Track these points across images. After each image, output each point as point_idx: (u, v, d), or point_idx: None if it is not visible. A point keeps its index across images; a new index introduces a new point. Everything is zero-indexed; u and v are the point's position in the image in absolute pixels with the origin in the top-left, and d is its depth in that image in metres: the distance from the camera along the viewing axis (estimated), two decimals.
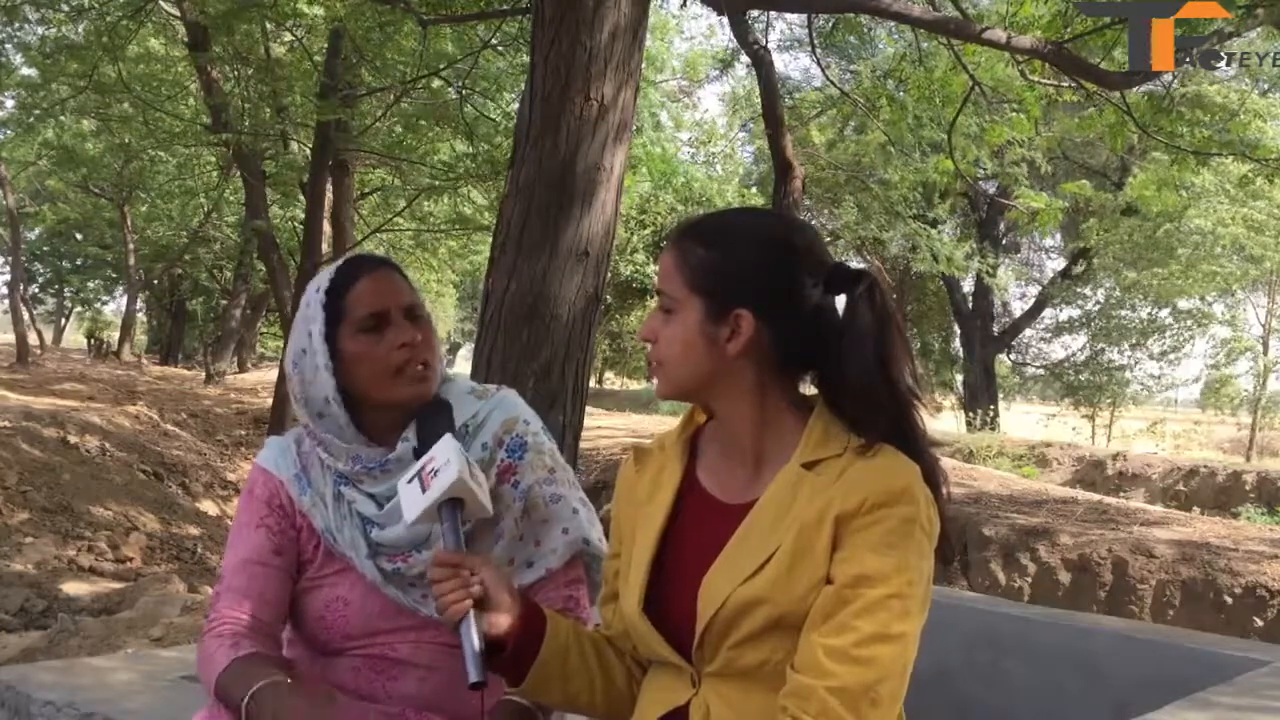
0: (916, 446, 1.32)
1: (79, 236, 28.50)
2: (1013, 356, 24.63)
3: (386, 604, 1.59)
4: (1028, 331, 24.13)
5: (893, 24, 8.45)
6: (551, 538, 1.63)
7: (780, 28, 16.19)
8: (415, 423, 1.56)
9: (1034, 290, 23.75)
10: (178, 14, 11.69)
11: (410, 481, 1.42)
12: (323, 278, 1.62)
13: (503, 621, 1.34)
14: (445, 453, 1.41)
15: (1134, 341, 21.99)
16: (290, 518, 1.63)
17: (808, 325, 1.33)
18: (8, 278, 23.00)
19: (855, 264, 1.39)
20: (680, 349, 1.34)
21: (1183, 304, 20.47)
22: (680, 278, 1.34)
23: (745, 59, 10.71)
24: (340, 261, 1.66)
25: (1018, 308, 24.51)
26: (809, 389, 1.39)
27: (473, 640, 1.31)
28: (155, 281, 26.53)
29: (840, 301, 1.35)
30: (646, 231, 20.89)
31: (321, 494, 1.62)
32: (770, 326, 1.32)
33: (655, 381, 1.40)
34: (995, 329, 22.62)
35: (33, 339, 22.62)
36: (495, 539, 1.60)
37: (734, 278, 1.32)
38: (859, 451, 1.29)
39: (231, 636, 1.53)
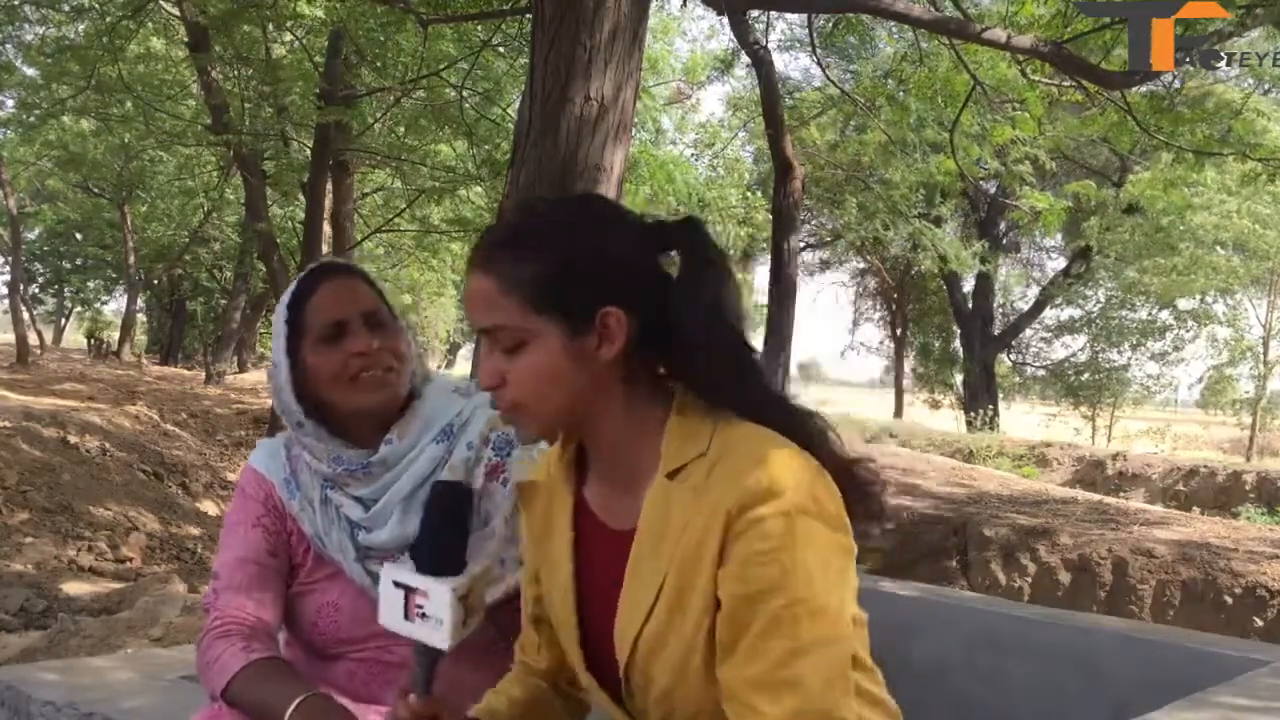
0: (765, 397, 1.17)
1: (79, 236, 28.48)
2: (1013, 356, 24.64)
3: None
4: (1028, 331, 24.16)
5: (893, 24, 8.44)
6: None
7: (780, 28, 16.14)
8: (429, 501, 1.32)
9: (1034, 290, 23.78)
10: (178, 14, 11.69)
11: (397, 586, 1.25)
12: (288, 290, 1.60)
13: None
14: (440, 607, 1.22)
15: (1134, 342, 21.99)
16: (283, 520, 1.63)
17: (658, 299, 1.16)
18: (8, 278, 23.02)
19: (675, 217, 1.23)
20: (548, 381, 1.14)
21: (1183, 304, 20.46)
22: (515, 303, 1.14)
23: (745, 59, 10.71)
24: (303, 272, 1.63)
25: (1019, 307, 24.56)
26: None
27: None
28: (155, 281, 26.52)
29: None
30: None
31: (310, 498, 1.62)
32: (635, 315, 1.15)
33: (516, 428, 1.22)
34: (995, 329, 22.63)
35: (33, 339, 22.61)
36: (486, 539, 1.58)
37: (584, 277, 1.14)
38: (719, 440, 1.13)
39: (240, 638, 1.51)
